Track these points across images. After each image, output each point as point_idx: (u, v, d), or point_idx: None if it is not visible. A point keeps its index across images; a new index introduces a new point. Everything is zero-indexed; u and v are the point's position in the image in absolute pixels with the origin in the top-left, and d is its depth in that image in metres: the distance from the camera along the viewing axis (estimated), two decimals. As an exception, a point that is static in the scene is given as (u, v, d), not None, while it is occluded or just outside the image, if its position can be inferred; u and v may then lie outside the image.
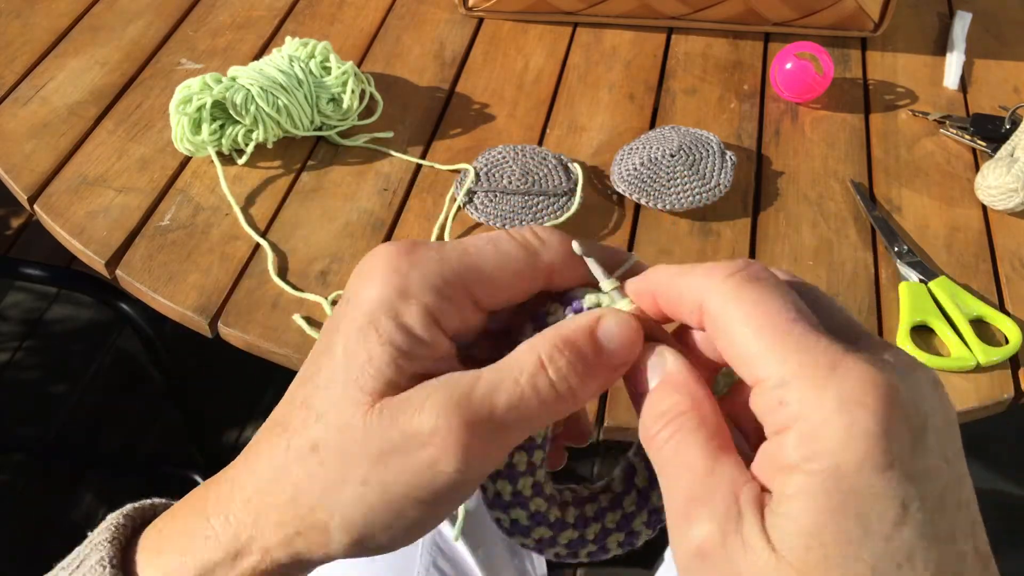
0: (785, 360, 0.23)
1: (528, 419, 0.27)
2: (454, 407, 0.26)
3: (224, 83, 0.73)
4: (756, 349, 0.24)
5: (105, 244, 0.70)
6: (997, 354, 0.64)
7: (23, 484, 1.40)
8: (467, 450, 0.26)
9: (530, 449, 0.30)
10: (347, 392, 0.27)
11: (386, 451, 0.26)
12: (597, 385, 0.28)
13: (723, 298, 0.25)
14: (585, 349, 0.27)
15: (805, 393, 0.22)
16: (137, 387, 1.53)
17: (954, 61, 0.88)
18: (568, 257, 0.30)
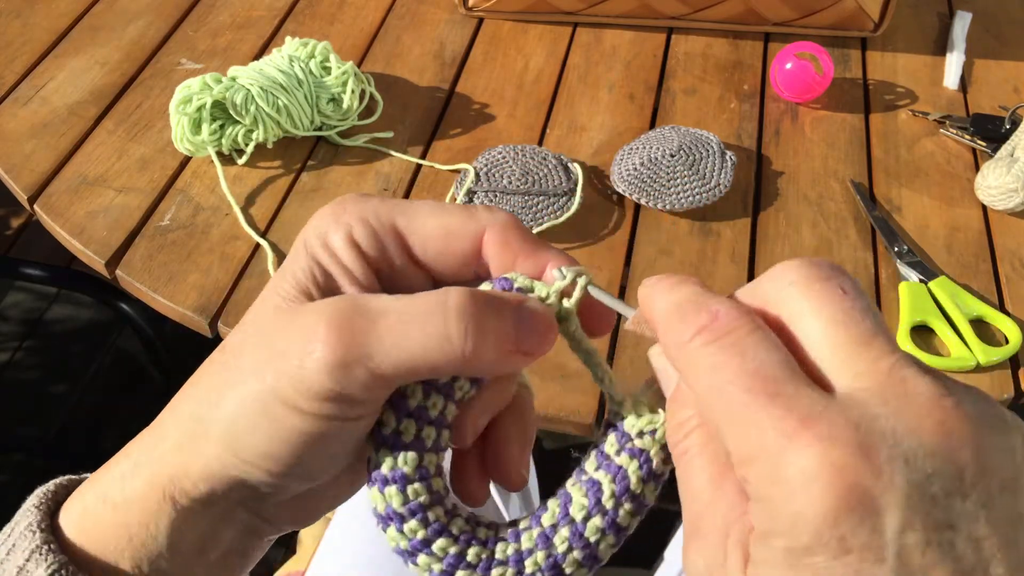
0: (742, 437, 0.22)
1: (407, 348, 0.26)
2: (340, 309, 0.26)
3: (224, 83, 0.73)
4: (719, 422, 0.23)
5: (105, 244, 0.70)
6: (997, 354, 0.64)
7: (23, 484, 1.40)
8: (336, 352, 0.25)
9: (420, 420, 0.28)
10: (267, 297, 0.29)
11: (272, 346, 0.27)
12: (494, 353, 0.26)
13: (687, 363, 0.24)
14: (502, 308, 0.27)
15: (761, 476, 0.22)
16: (137, 387, 1.53)
17: (954, 61, 0.88)
18: (505, 228, 0.29)
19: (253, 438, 0.27)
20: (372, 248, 0.29)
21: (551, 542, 0.28)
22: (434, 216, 0.29)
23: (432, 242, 0.29)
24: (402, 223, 0.29)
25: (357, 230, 0.29)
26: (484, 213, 0.29)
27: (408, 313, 0.26)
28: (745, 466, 0.22)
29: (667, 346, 0.25)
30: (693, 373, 0.24)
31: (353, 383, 0.26)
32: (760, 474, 0.22)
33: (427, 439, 0.28)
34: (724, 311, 0.24)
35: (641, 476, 0.28)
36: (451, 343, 0.26)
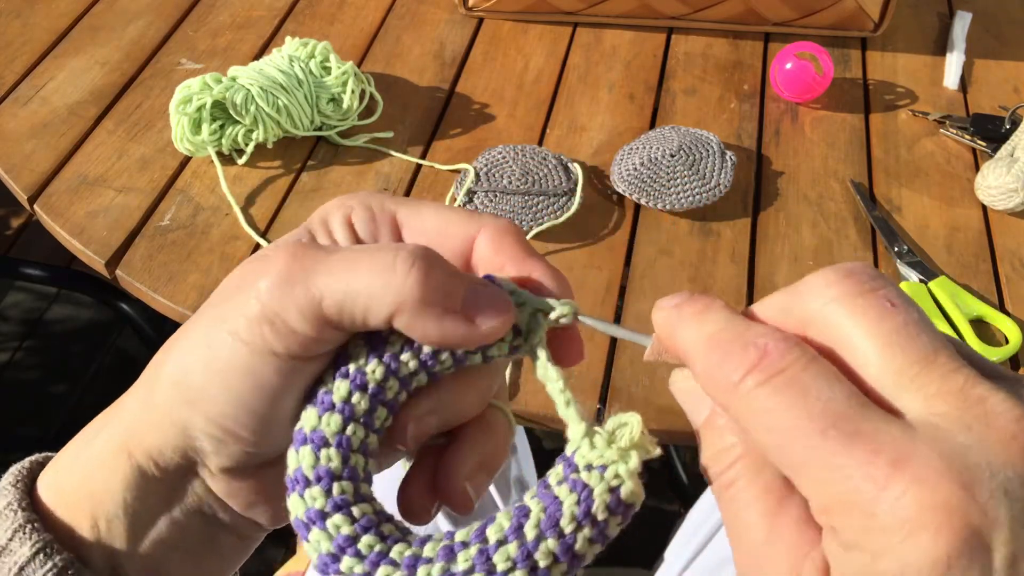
0: (824, 485, 0.21)
1: (352, 279, 0.25)
2: (291, 244, 0.27)
3: (224, 83, 0.73)
4: (790, 468, 0.21)
5: (105, 244, 0.70)
6: (997, 354, 0.64)
7: (23, 484, 1.40)
8: (282, 269, 0.26)
9: (356, 387, 0.26)
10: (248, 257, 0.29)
11: (231, 283, 0.27)
12: (435, 304, 0.25)
13: (742, 407, 0.22)
14: (454, 268, 0.27)
15: (854, 525, 0.20)
16: (137, 387, 1.53)
17: (954, 61, 0.88)
18: (500, 233, 0.29)
19: (196, 376, 0.26)
20: (366, 232, 0.29)
21: (454, 556, 0.25)
22: (436, 214, 0.29)
23: (426, 236, 0.29)
24: (402, 215, 0.29)
25: (357, 213, 0.29)
26: (484, 217, 0.29)
27: (362, 248, 0.26)
28: (832, 515, 0.21)
29: (712, 388, 0.23)
30: (751, 418, 0.22)
31: (290, 305, 0.25)
32: (853, 525, 0.20)
33: (357, 407, 0.26)
34: (772, 345, 0.22)
35: (575, 514, 0.24)
36: (393, 272, 0.25)
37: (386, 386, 0.27)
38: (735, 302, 0.68)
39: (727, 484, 0.24)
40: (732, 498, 0.23)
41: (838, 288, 0.22)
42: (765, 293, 0.69)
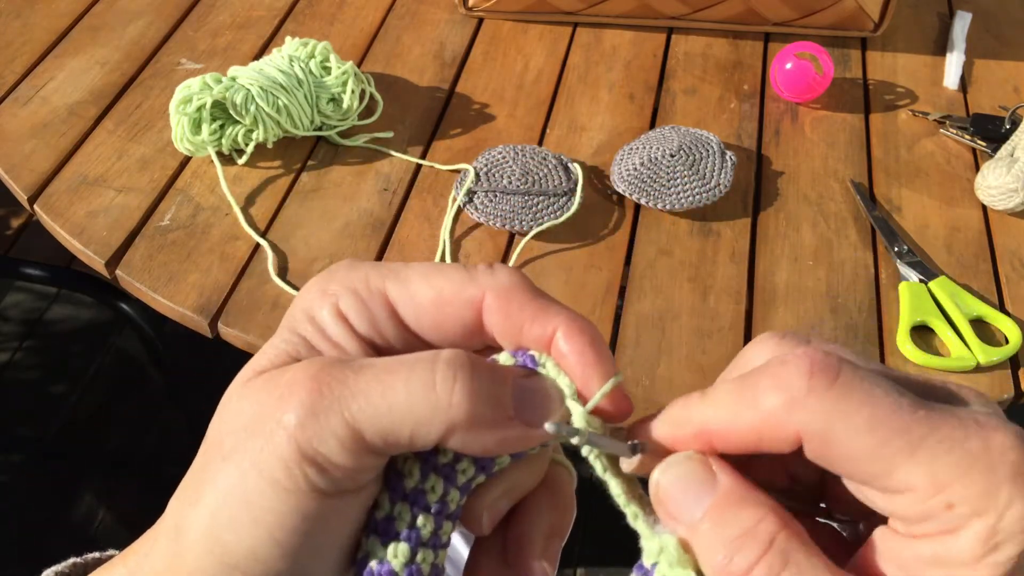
0: (935, 461, 0.21)
1: (390, 404, 0.23)
2: (319, 364, 0.24)
3: (224, 83, 0.73)
4: (890, 458, 0.21)
5: (105, 244, 0.70)
6: (997, 354, 0.64)
7: (23, 484, 1.40)
8: (311, 398, 0.23)
9: (416, 506, 0.25)
10: (240, 375, 0.26)
11: (245, 419, 0.24)
12: (488, 416, 0.23)
13: (824, 416, 0.22)
14: (497, 367, 0.24)
15: (974, 489, 0.21)
16: (137, 387, 1.53)
17: (954, 61, 0.88)
18: (506, 293, 0.26)
19: (235, 534, 0.23)
20: (361, 321, 0.26)
21: None
22: (426, 281, 0.26)
23: (425, 311, 0.26)
24: (393, 291, 0.26)
25: (344, 301, 0.26)
26: (484, 275, 0.26)
27: (393, 364, 0.23)
28: (951, 488, 0.21)
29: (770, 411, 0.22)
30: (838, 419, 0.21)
31: (329, 438, 0.23)
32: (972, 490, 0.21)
33: (423, 531, 0.25)
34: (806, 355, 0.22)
35: None
36: (436, 392, 0.23)
37: (448, 499, 0.25)
38: (735, 302, 0.68)
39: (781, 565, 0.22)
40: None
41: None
42: (765, 293, 0.69)
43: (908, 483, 0.21)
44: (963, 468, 0.21)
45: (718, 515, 0.23)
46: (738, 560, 0.22)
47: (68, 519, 1.36)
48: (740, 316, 0.67)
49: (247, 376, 0.25)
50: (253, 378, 0.25)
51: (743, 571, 0.22)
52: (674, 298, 0.68)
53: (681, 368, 0.64)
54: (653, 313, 0.67)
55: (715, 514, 0.23)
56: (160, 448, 1.45)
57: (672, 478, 0.24)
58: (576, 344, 0.25)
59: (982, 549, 0.21)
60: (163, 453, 1.44)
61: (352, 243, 0.71)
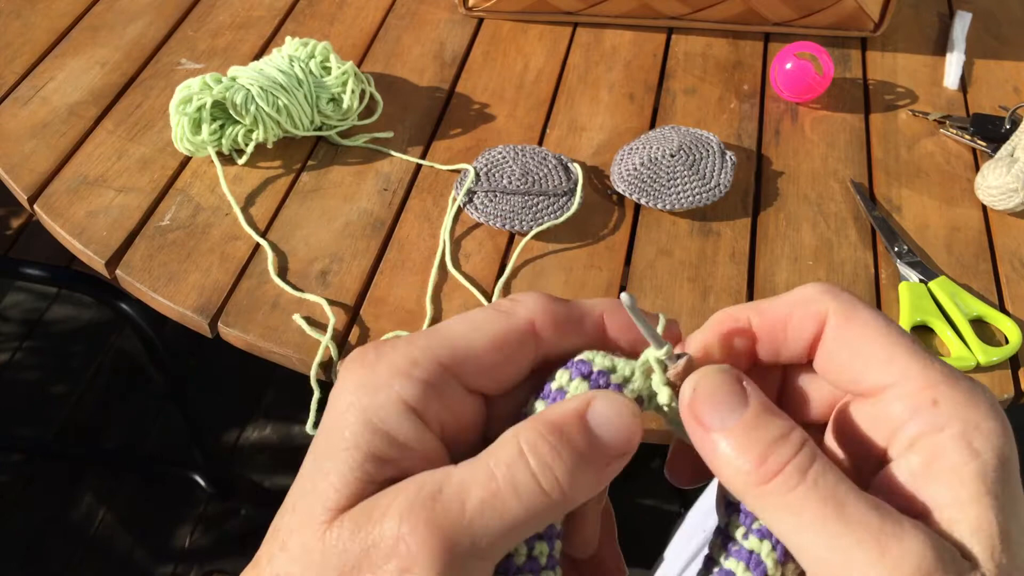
0: (930, 365, 0.23)
1: (508, 521, 0.22)
2: (420, 508, 0.22)
3: (224, 83, 0.73)
4: (895, 352, 0.24)
5: (105, 244, 0.70)
6: (997, 354, 0.64)
7: (23, 484, 1.40)
8: (438, 559, 0.21)
9: (534, 571, 0.25)
10: (309, 510, 0.23)
11: (347, 570, 0.22)
12: (591, 480, 0.24)
13: (850, 309, 0.25)
14: (573, 435, 0.23)
15: (959, 395, 0.23)
16: (137, 387, 1.53)
17: (954, 61, 0.88)
18: (554, 315, 0.26)
19: None
20: (430, 405, 0.24)
21: None
22: (476, 332, 0.25)
23: (487, 360, 0.25)
24: (447, 357, 0.24)
25: (407, 391, 0.24)
26: (516, 306, 0.26)
27: (491, 479, 0.23)
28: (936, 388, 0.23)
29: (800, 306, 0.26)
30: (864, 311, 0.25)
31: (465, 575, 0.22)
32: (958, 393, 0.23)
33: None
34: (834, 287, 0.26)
35: (777, 558, 0.25)
36: (548, 497, 0.23)
37: (554, 551, 0.26)
38: (735, 302, 0.68)
39: (808, 463, 0.22)
40: (819, 474, 0.22)
41: None
42: (765, 293, 0.69)
43: (907, 374, 0.23)
44: (951, 379, 0.23)
45: (753, 421, 0.23)
46: (772, 461, 0.22)
47: (68, 519, 1.36)
48: (740, 316, 0.67)
49: (322, 517, 0.23)
50: (334, 523, 0.23)
51: (775, 471, 0.22)
52: (674, 298, 0.68)
53: (681, 368, 0.64)
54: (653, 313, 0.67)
55: (751, 421, 0.23)
56: (160, 448, 1.45)
57: (707, 386, 0.24)
58: (622, 316, 0.27)
59: (962, 449, 0.22)
60: (163, 453, 1.45)
61: (352, 243, 0.71)
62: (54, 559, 1.32)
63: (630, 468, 0.27)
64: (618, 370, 0.26)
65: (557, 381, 0.26)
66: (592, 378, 0.25)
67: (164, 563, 1.33)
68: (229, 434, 1.48)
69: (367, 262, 0.70)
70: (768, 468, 0.22)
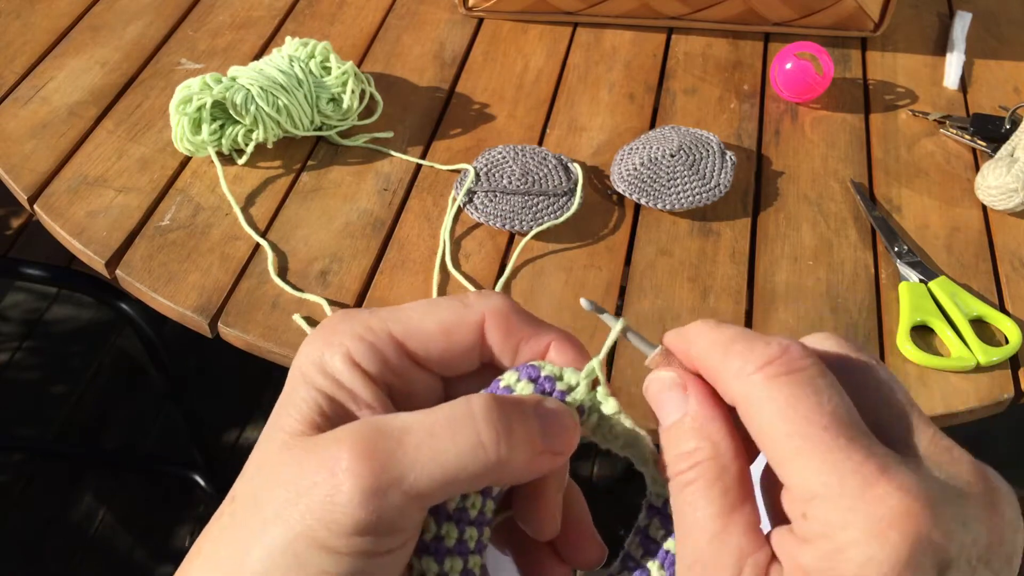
0: (812, 474, 0.22)
1: (441, 462, 0.24)
2: (360, 438, 0.24)
3: (224, 83, 0.73)
4: (783, 454, 0.23)
5: (105, 244, 0.70)
6: (997, 354, 0.64)
7: (23, 484, 1.40)
8: (365, 480, 0.24)
9: (461, 523, 0.27)
10: (270, 436, 0.27)
11: (290, 486, 0.25)
12: (526, 453, 0.26)
13: (754, 393, 0.24)
14: (522, 407, 0.26)
15: (830, 514, 0.22)
16: (137, 387, 1.53)
17: (954, 61, 0.88)
18: (504, 313, 0.28)
19: None
20: (374, 364, 0.27)
21: None
22: (429, 315, 0.28)
23: (434, 342, 0.28)
24: (398, 330, 0.28)
25: (354, 348, 0.27)
26: (477, 300, 0.29)
27: (434, 426, 0.25)
28: (813, 503, 0.22)
29: (721, 375, 0.25)
30: (757, 403, 0.24)
31: (390, 510, 0.24)
32: (828, 514, 0.22)
33: (470, 541, 0.27)
34: (795, 347, 0.24)
35: None
36: (485, 450, 0.25)
37: (485, 509, 0.28)
38: (735, 302, 0.68)
39: (687, 483, 0.25)
40: (690, 496, 0.25)
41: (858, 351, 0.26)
42: (765, 293, 0.69)
43: (788, 480, 0.23)
44: (829, 493, 0.22)
45: (674, 431, 0.26)
46: (672, 466, 0.26)
47: (68, 519, 1.36)
48: (740, 316, 0.67)
49: (278, 440, 0.26)
50: (288, 444, 0.26)
51: (672, 475, 0.26)
52: (674, 298, 0.68)
53: (681, 368, 0.64)
54: (653, 313, 0.67)
55: (673, 429, 0.27)
56: (160, 448, 1.45)
57: (654, 389, 0.28)
58: (569, 355, 0.29)
59: (818, 570, 0.22)
60: (163, 453, 1.45)
61: (352, 243, 0.71)
62: (54, 559, 1.32)
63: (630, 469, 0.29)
64: (564, 378, 0.28)
65: (505, 380, 0.28)
66: (539, 382, 0.28)
67: (164, 563, 1.33)
68: (229, 434, 1.48)
69: (367, 262, 0.70)
70: (669, 470, 0.26)
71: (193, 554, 0.27)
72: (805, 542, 0.23)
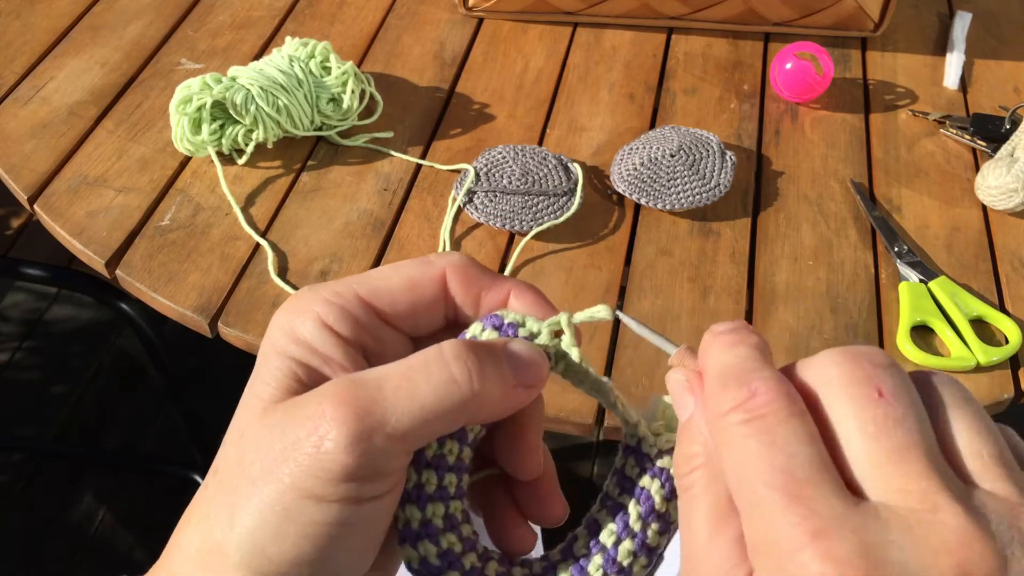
0: (753, 527, 0.23)
1: (419, 401, 0.26)
2: (340, 389, 0.25)
3: (224, 83, 0.73)
4: (737, 501, 0.24)
5: (105, 244, 0.70)
6: (997, 354, 0.64)
7: (23, 484, 1.40)
8: (349, 425, 0.25)
9: (440, 469, 0.28)
10: (248, 406, 0.27)
11: (274, 446, 0.25)
12: (499, 388, 0.27)
13: (719, 436, 0.24)
14: (490, 347, 0.28)
15: (768, 567, 0.22)
16: (137, 387, 1.53)
17: (954, 61, 0.88)
18: (466, 273, 0.30)
19: (280, 547, 0.25)
20: (345, 325, 0.28)
21: (586, 571, 0.29)
22: (394, 273, 0.29)
23: (401, 296, 0.29)
24: (365, 291, 0.29)
25: (324, 312, 0.28)
26: (438, 258, 0.30)
27: (408, 371, 0.26)
28: (754, 555, 0.23)
29: (706, 410, 0.26)
30: (723, 447, 0.24)
31: (375, 452, 0.25)
32: (766, 568, 0.22)
33: (450, 487, 0.28)
34: (763, 390, 0.24)
35: (664, 495, 0.29)
36: (459, 385, 0.26)
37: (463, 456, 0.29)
38: (735, 302, 0.68)
39: (688, 486, 0.26)
40: (689, 500, 0.26)
41: (839, 371, 0.24)
42: (765, 293, 0.69)
43: (746, 526, 0.23)
44: (767, 548, 0.22)
45: (681, 433, 0.27)
46: (676, 469, 0.27)
47: (68, 519, 1.36)
48: (740, 316, 0.67)
49: (258, 407, 0.27)
50: (268, 409, 0.26)
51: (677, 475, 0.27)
52: (674, 298, 0.68)
53: (681, 368, 0.64)
54: (653, 313, 0.67)
55: (681, 431, 0.27)
56: (160, 448, 1.45)
57: (671, 386, 0.28)
58: (528, 300, 0.30)
59: None
60: (163, 453, 1.44)
61: (352, 243, 0.71)
62: (54, 559, 1.32)
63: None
64: (527, 325, 0.29)
65: (471, 331, 0.29)
66: (502, 329, 0.29)
67: (164, 563, 1.32)
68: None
69: (367, 262, 0.70)
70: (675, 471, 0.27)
71: (183, 523, 0.27)
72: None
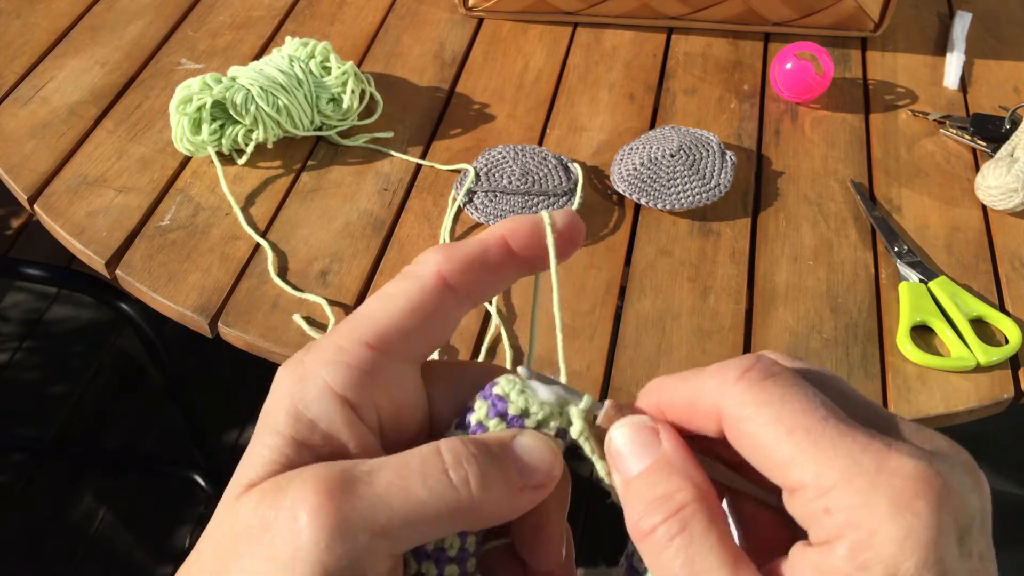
0: (825, 463, 0.22)
1: (413, 503, 0.23)
2: (322, 481, 0.22)
3: (224, 83, 0.73)
4: (789, 453, 0.22)
5: (105, 244, 0.70)
6: (997, 354, 0.64)
7: (23, 484, 1.40)
8: (331, 520, 0.22)
9: (440, 563, 0.26)
10: (229, 490, 0.24)
11: (245, 537, 0.23)
12: (503, 494, 0.24)
13: (742, 400, 0.23)
14: (494, 448, 0.25)
15: (853, 499, 0.21)
16: (137, 387, 1.53)
17: (954, 61, 0.88)
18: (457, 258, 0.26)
19: None
20: (355, 388, 0.25)
21: None
22: (392, 303, 0.26)
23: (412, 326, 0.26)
24: (372, 336, 0.25)
25: (331, 376, 0.24)
26: (419, 267, 0.27)
27: (403, 468, 0.23)
28: (829, 494, 0.21)
29: (702, 398, 0.24)
30: (747, 409, 0.23)
31: (358, 553, 0.22)
32: (851, 498, 0.21)
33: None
34: (766, 356, 0.24)
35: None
36: (457, 492, 0.23)
37: (466, 545, 0.27)
38: (735, 302, 0.68)
39: (670, 536, 0.23)
40: (686, 548, 0.23)
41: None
42: (765, 293, 0.69)
43: (800, 480, 0.22)
44: (848, 476, 0.21)
45: (646, 477, 0.24)
46: (646, 519, 0.23)
47: (68, 519, 1.36)
48: (740, 316, 0.67)
49: (237, 492, 0.24)
50: (247, 493, 0.24)
51: (647, 531, 0.23)
52: (674, 298, 0.68)
53: (681, 368, 0.64)
54: (653, 313, 0.67)
55: (645, 475, 0.24)
56: (160, 448, 1.45)
57: (620, 435, 0.25)
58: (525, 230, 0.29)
59: (850, 566, 0.21)
60: (163, 453, 1.44)
61: (352, 243, 0.71)
62: (54, 559, 1.32)
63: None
64: (531, 415, 0.26)
65: (475, 416, 0.27)
66: (509, 420, 0.27)
67: (164, 563, 1.33)
68: (229, 434, 1.48)
69: (367, 262, 0.70)
70: (644, 525, 0.23)
71: None
72: (830, 545, 0.21)
